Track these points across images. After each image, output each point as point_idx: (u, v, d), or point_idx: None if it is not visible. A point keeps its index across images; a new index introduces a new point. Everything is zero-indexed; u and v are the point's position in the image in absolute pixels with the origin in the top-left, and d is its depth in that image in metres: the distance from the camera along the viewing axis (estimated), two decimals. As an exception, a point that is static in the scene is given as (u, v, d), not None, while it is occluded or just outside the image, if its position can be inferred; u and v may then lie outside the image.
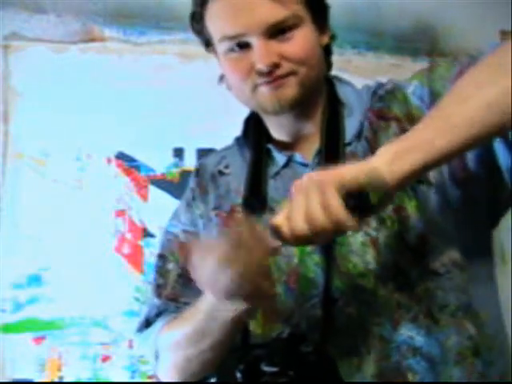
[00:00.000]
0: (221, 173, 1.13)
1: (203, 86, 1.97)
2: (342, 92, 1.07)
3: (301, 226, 0.78)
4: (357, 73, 2.13)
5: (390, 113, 1.01)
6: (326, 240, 0.88)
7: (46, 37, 1.98)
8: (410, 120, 0.98)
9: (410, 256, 0.95)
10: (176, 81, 2.04)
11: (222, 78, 1.06)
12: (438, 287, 0.96)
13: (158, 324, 1.09)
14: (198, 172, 1.16)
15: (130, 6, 2.05)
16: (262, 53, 0.95)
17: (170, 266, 1.12)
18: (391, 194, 0.81)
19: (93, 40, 2.02)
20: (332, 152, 1.01)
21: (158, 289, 1.12)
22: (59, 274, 1.89)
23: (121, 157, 1.99)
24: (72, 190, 1.94)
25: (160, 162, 2.02)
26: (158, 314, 1.11)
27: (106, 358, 1.90)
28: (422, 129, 0.82)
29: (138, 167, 2.00)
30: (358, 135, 1.02)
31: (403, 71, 2.25)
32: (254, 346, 0.92)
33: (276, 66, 0.96)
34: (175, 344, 1.04)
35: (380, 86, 1.07)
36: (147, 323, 1.12)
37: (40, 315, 1.87)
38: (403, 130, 0.97)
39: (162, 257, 1.14)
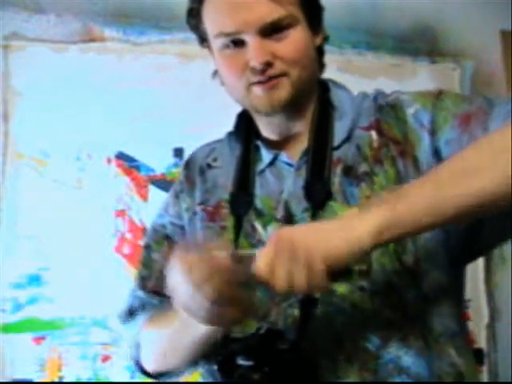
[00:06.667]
0: (209, 166, 1.13)
1: (203, 85, 1.97)
2: (336, 96, 1.07)
3: (282, 285, 0.81)
4: (357, 73, 2.13)
5: (389, 131, 1.01)
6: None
7: (46, 37, 1.98)
8: (407, 143, 0.98)
9: (407, 277, 0.95)
10: (176, 81, 2.04)
11: (215, 73, 1.07)
12: (426, 311, 0.96)
13: (141, 318, 1.10)
14: (188, 165, 1.17)
15: (130, 6, 2.05)
16: (256, 51, 0.96)
17: (155, 256, 1.12)
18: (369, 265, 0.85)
19: (93, 40, 2.02)
20: (319, 154, 1.01)
21: (143, 281, 1.13)
22: (59, 274, 1.89)
23: (121, 157, 1.99)
24: (72, 190, 1.94)
25: (160, 162, 2.02)
26: (142, 307, 1.11)
27: (105, 358, 1.90)
28: (413, 200, 0.82)
29: (137, 167, 2.00)
30: (348, 139, 1.02)
31: (403, 71, 2.25)
32: (233, 340, 0.92)
33: (269, 64, 0.96)
34: (154, 342, 1.06)
35: (381, 94, 1.06)
36: (130, 313, 1.12)
37: (40, 315, 1.87)
38: (402, 153, 0.98)
39: (147, 247, 1.15)
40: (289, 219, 1.00)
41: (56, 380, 1.86)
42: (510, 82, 2.30)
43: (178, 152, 2.02)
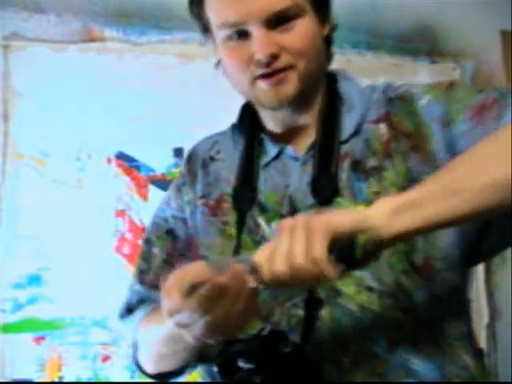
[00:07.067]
0: (212, 159, 1.10)
1: (203, 85, 1.97)
2: (344, 88, 1.03)
3: (280, 267, 0.75)
4: (357, 73, 2.12)
5: (400, 124, 0.97)
6: (306, 286, 0.87)
7: (46, 37, 1.98)
8: (419, 137, 0.95)
9: (416, 278, 0.91)
10: (176, 81, 2.04)
11: (218, 63, 1.03)
12: (437, 313, 0.92)
13: (138, 314, 1.06)
14: (190, 157, 1.14)
15: (130, 6, 2.05)
16: (261, 43, 0.92)
17: (156, 250, 1.09)
18: (380, 250, 0.79)
19: (93, 40, 2.02)
20: (326, 148, 0.97)
21: (141, 274, 1.09)
22: (59, 273, 1.89)
23: (121, 157, 1.99)
24: (72, 190, 1.94)
25: (160, 162, 2.02)
26: (140, 301, 1.08)
27: (105, 358, 1.90)
28: (427, 190, 0.79)
29: (137, 167, 2.00)
30: (356, 133, 0.99)
31: (403, 71, 2.25)
32: (234, 341, 0.87)
33: (275, 57, 0.93)
34: (151, 341, 1.01)
35: (390, 86, 1.03)
36: (128, 309, 1.09)
37: (40, 315, 1.87)
38: (414, 148, 0.95)
39: (147, 241, 1.12)
40: (294, 215, 0.93)
41: (56, 380, 1.86)
42: (510, 82, 2.30)
43: (178, 152, 2.02)
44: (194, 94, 2.02)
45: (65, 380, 1.87)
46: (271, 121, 1.04)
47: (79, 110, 1.96)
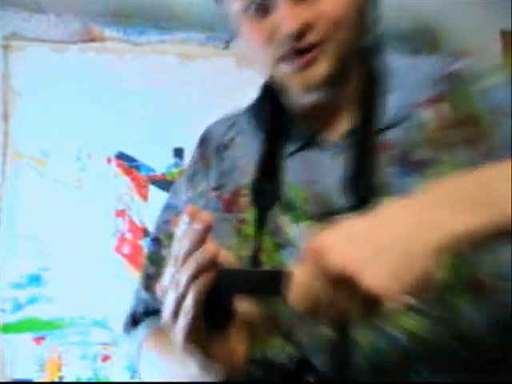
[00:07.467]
0: (227, 144, 0.93)
1: (203, 85, 1.97)
2: (386, 61, 0.85)
3: (326, 319, 0.64)
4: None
5: (457, 109, 0.80)
6: None
7: (46, 37, 1.99)
8: (481, 126, 0.78)
9: (473, 299, 0.73)
10: (176, 81, 2.04)
11: (233, 35, 0.90)
12: (501, 342, 0.75)
13: (143, 330, 0.92)
14: (203, 142, 0.98)
15: (130, 6, 2.05)
16: (286, 17, 0.76)
17: (165, 251, 0.91)
18: None
19: (93, 40, 2.02)
20: (365, 136, 0.81)
21: (148, 280, 0.94)
22: (59, 274, 1.89)
23: (121, 157, 1.99)
24: (72, 190, 1.94)
25: (160, 162, 2.02)
26: (146, 312, 0.94)
27: (105, 358, 1.90)
28: (505, 200, 0.62)
29: (138, 167, 2.00)
30: (401, 118, 0.81)
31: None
32: (252, 362, 0.72)
33: (303, 33, 0.77)
34: (152, 367, 0.89)
35: (444, 60, 0.85)
36: (134, 321, 0.95)
37: (40, 315, 1.87)
38: (472, 139, 0.78)
39: (155, 240, 0.96)
40: (326, 217, 0.78)
41: (56, 380, 1.86)
42: (510, 82, 2.30)
43: (178, 152, 2.02)
44: (193, 94, 2.02)
45: (65, 380, 1.87)
46: (298, 102, 0.86)
47: (79, 110, 1.96)
